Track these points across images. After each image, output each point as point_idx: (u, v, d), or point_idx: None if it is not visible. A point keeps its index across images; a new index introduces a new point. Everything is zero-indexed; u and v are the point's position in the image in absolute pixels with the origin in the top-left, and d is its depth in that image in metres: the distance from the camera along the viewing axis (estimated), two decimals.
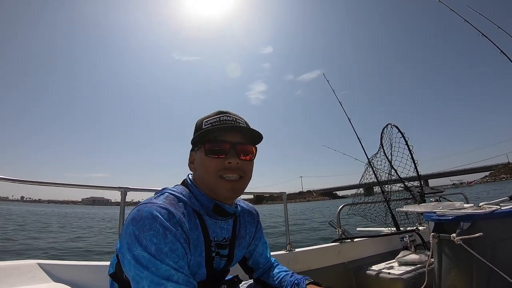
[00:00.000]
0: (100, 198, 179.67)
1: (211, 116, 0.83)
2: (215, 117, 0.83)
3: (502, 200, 1.43)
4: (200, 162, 0.81)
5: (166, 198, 0.75)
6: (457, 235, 1.25)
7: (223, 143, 0.79)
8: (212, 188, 0.79)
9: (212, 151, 0.79)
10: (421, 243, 2.16)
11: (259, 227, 1.03)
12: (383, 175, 2.68)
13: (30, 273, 1.11)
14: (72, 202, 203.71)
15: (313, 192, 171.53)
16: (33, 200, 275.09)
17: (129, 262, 0.63)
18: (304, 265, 1.83)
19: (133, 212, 0.69)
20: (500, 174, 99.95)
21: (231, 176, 0.79)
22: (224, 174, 0.78)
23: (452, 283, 1.35)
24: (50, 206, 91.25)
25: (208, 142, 0.79)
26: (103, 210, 42.91)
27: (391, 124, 2.62)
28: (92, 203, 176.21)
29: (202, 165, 0.80)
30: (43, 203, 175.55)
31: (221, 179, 0.78)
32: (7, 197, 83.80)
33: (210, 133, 0.79)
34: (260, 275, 1.01)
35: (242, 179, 0.81)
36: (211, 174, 0.78)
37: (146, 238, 0.63)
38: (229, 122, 0.82)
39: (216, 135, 0.80)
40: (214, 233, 0.81)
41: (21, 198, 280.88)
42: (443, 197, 2.48)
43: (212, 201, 0.80)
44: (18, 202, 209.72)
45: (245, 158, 0.82)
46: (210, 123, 0.82)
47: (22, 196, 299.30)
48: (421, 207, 1.67)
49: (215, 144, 0.79)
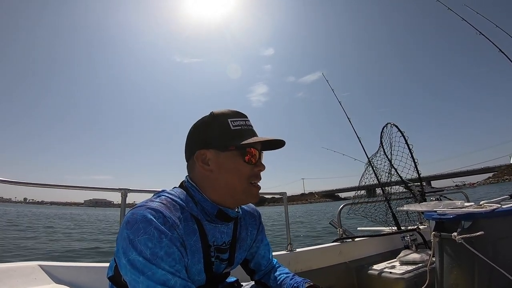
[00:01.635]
0: (103, 200, 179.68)
1: (235, 117, 0.80)
2: (241, 119, 0.81)
3: (503, 198, 1.43)
4: (231, 165, 0.77)
5: (162, 201, 0.72)
6: (458, 234, 1.25)
7: (257, 151, 0.80)
8: (241, 193, 0.79)
9: (252, 156, 0.78)
10: (422, 242, 2.15)
11: (261, 228, 1.00)
12: (383, 175, 2.68)
13: (32, 274, 1.10)
14: (74, 204, 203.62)
15: (315, 194, 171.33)
16: (36, 202, 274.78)
17: (125, 267, 0.62)
18: (305, 265, 1.82)
19: (128, 216, 0.67)
20: (504, 175, 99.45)
21: (258, 183, 0.82)
22: (253, 181, 0.80)
23: (453, 282, 1.35)
24: (53, 208, 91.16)
25: (247, 147, 0.77)
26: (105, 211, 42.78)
27: (391, 123, 2.62)
28: (94, 205, 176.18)
29: (235, 169, 0.77)
30: (46, 205, 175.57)
31: (251, 185, 0.80)
32: (10, 199, 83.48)
33: (243, 136, 0.78)
34: (261, 277, 1.00)
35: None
36: (243, 180, 0.78)
37: (141, 242, 0.61)
38: (251, 128, 0.82)
39: (252, 141, 0.77)
40: (214, 237, 0.79)
41: (24, 200, 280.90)
42: (443, 196, 2.48)
43: (216, 207, 0.78)
44: (21, 203, 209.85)
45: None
46: (239, 126, 0.79)
47: (25, 197, 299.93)
48: (422, 206, 1.67)
49: (254, 150, 0.79)
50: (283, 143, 0.84)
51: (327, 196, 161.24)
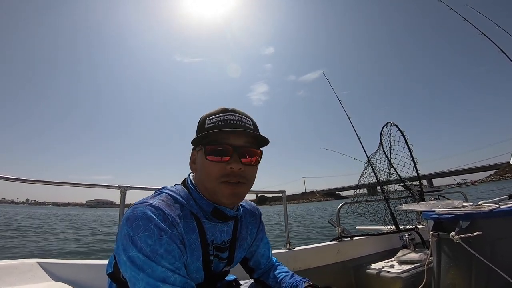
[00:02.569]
0: (104, 200, 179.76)
1: (215, 114, 0.77)
2: (219, 115, 0.76)
3: (502, 198, 1.43)
4: (201, 164, 0.76)
5: (162, 199, 0.72)
6: (456, 234, 1.25)
7: (226, 146, 0.73)
8: (212, 192, 0.75)
9: (213, 153, 0.73)
10: (420, 242, 2.17)
11: (261, 227, 1.00)
12: (382, 174, 2.69)
13: (30, 272, 1.10)
14: (76, 204, 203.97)
15: (316, 193, 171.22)
16: (38, 202, 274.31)
17: (125, 263, 0.62)
18: (303, 264, 1.83)
19: (128, 212, 0.67)
20: (505, 173, 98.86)
21: (232, 180, 0.75)
22: (226, 180, 0.74)
23: (451, 282, 1.35)
24: (55, 208, 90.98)
25: (209, 144, 0.74)
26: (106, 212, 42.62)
27: (391, 123, 2.63)
28: (96, 205, 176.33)
29: (203, 168, 0.75)
30: (48, 206, 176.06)
31: (221, 183, 0.74)
32: (12, 200, 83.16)
33: (212, 133, 0.73)
34: (260, 276, 1.00)
35: (244, 184, 0.77)
36: (212, 180, 0.74)
37: (141, 239, 0.62)
38: (233, 122, 0.75)
39: (219, 136, 0.74)
40: (213, 236, 0.79)
41: (26, 201, 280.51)
42: (442, 195, 2.49)
43: (212, 205, 0.77)
44: (23, 204, 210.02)
45: (249, 163, 0.76)
46: (213, 122, 0.76)
47: (27, 198, 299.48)
48: (420, 206, 1.67)
49: (217, 146, 0.73)
50: (260, 137, 0.77)
51: (328, 195, 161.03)
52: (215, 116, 0.77)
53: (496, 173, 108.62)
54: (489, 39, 2.48)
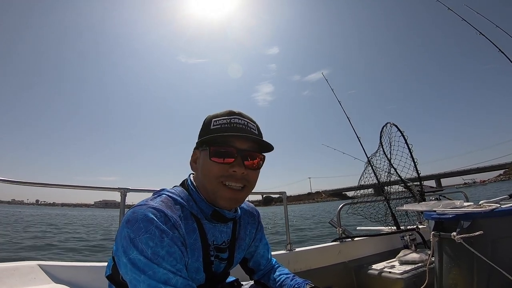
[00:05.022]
0: (112, 201, 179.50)
1: (222, 116, 0.78)
2: (226, 117, 0.78)
3: (503, 198, 1.43)
4: (203, 165, 0.77)
5: (162, 200, 0.72)
6: (457, 234, 1.25)
7: (230, 148, 0.74)
8: (211, 193, 0.76)
9: (217, 154, 0.74)
10: (421, 242, 2.16)
11: (260, 228, 1.01)
12: (382, 174, 2.68)
13: (31, 274, 1.10)
14: (84, 205, 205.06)
15: (321, 193, 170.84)
16: (48, 203, 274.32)
17: (126, 266, 0.62)
18: (304, 265, 1.83)
19: (128, 214, 0.67)
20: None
21: (234, 185, 0.75)
22: (227, 182, 0.75)
23: (453, 282, 1.35)
24: (64, 209, 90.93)
25: (214, 145, 0.75)
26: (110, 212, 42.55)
27: (390, 123, 2.62)
28: (104, 206, 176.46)
29: (204, 168, 0.76)
30: (57, 206, 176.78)
31: (222, 185, 0.74)
32: (22, 201, 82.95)
33: (218, 135, 0.75)
34: (261, 277, 1.00)
35: (245, 189, 0.78)
36: (212, 179, 0.74)
37: (142, 241, 0.62)
38: (240, 126, 0.77)
39: (225, 139, 0.75)
40: (213, 237, 0.79)
41: (36, 202, 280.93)
42: (443, 195, 2.48)
43: (211, 207, 0.77)
44: (33, 205, 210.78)
45: (252, 167, 0.77)
46: (220, 124, 0.77)
47: (37, 199, 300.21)
48: (421, 206, 1.67)
49: (221, 147, 0.74)
50: (263, 142, 0.78)
51: (334, 195, 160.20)
52: (221, 118, 0.78)
53: (505, 173, 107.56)
54: (487, 39, 2.48)
